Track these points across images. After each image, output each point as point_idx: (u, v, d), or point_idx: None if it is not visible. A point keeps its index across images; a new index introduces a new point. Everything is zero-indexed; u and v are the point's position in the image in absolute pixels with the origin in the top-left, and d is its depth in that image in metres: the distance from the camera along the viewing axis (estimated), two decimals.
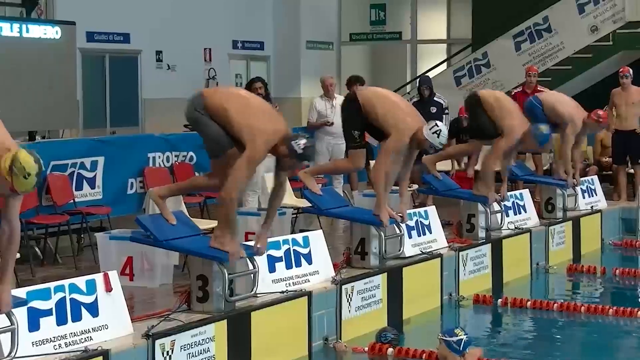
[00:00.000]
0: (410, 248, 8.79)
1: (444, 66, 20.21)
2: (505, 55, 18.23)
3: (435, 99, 12.80)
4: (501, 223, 10.07)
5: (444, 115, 12.52)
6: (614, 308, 8.58)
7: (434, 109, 12.42)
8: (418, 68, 20.96)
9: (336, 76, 18.31)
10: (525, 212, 10.79)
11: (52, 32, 12.98)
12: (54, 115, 13.09)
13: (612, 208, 12.42)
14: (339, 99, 13.18)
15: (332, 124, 12.77)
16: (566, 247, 11.08)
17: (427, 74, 17.09)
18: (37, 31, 12.84)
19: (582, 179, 12.19)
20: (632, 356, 7.83)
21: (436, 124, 8.14)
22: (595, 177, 12.66)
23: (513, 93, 14.13)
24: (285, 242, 7.63)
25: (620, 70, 13.41)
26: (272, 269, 7.35)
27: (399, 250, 8.51)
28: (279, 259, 7.47)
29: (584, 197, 11.93)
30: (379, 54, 22.67)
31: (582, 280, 10.47)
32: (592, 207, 11.97)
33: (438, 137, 8.05)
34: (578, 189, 11.67)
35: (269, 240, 7.49)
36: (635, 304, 9.05)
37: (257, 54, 19.61)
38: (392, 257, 8.41)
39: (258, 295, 6.95)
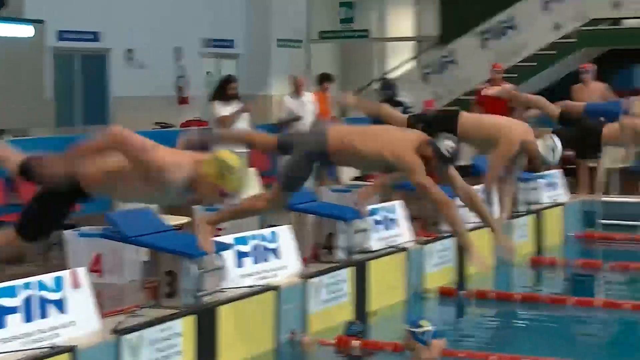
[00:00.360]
0: (376, 242, 8.83)
1: (412, 63, 20.26)
2: (471, 52, 18.30)
3: (398, 99, 12.83)
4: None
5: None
6: (575, 299, 8.65)
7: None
8: (387, 65, 21.00)
9: (306, 74, 18.32)
10: (490, 206, 10.81)
11: (22, 31, 12.92)
12: (24, 114, 13.03)
13: (574, 201, 12.50)
14: (308, 97, 13.21)
15: (302, 118, 12.80)
16: (529, 240, 11.15)
17: (391, 74, 17.18)
18: (7, 30, 12.76)
19: (546, 172, 12.28)
20: (593, 345, 7.90)
21: (552, 139, 7.74)
22: (558, 171, 12.73)
23: (479, 90, 14.23)
24: (253, 237, 7.63)
25: (582, 66, 13.52)
26: (240, 264, 7.35)
27: (366, 244, 8.55)
28: (247, 254, 7.46)
29: (546, 191, 12.00)
30: (348, 51, 22.70)
31: (545, 272, 10.56)
32: (554, 200, 12.05)
33: (553, 153, 7.68)
34: (542, 182, 11.77)
35: (238, 235, 7.50)
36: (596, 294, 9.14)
37: (228, 52, 19.58)
38: (358, 251, 8.44)
39: (226, 290, 6.95)
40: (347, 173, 12.52)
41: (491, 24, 18.29)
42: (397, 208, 9.40)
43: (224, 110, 11.49)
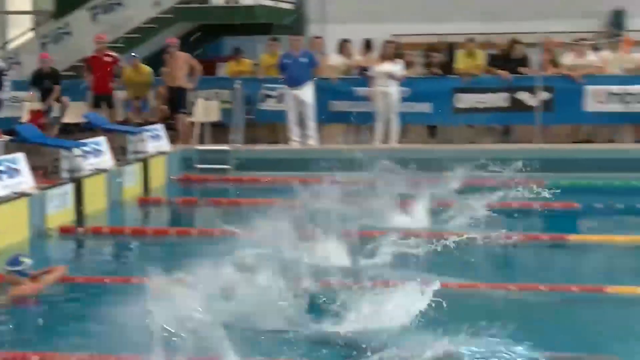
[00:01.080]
0: (1, 189, 8.59)
1: (31, 34, 19.57)
2: (84, 25, 18.02)
3: None
4: (83, 166, 10.12)
5: (2, 77, 12.13)
6: (177, 229, 9.02)
7: None
8: (7, 36, 20.10)
9: None
10: (103, 155, 10.88)
11: None
12: None
13: (175, 150, 12.88)
14: None
15: None
16: (138, 183, 11.36)
17: (12, 44, 16.52)
18: None
19: (151, 127, 12.55)
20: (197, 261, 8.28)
21: None
22: (161, 125, 13.03)
23: (87, 57, 14.38)
24: None
25: (168, 41, 14.25)
26: None
27: None
28: None
29: (151, 142, 12.26)
30: None
31: (151, 209, 10.86)
32: (158, 149, 12.34)
33: None
34: (148, 134, 12.06)
35: None
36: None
37: None
38: None
39: None
40: None
41: (101, 0, 18.12)
42: (20, 159, 9.19)
43: None
